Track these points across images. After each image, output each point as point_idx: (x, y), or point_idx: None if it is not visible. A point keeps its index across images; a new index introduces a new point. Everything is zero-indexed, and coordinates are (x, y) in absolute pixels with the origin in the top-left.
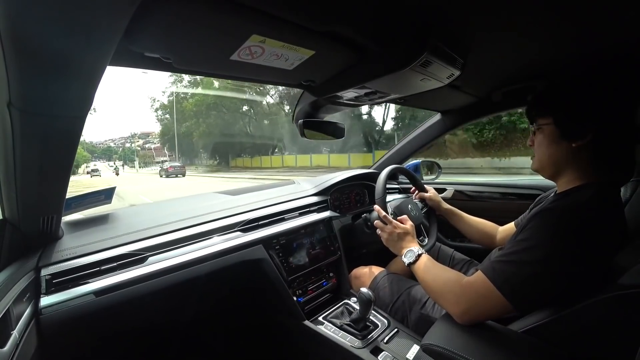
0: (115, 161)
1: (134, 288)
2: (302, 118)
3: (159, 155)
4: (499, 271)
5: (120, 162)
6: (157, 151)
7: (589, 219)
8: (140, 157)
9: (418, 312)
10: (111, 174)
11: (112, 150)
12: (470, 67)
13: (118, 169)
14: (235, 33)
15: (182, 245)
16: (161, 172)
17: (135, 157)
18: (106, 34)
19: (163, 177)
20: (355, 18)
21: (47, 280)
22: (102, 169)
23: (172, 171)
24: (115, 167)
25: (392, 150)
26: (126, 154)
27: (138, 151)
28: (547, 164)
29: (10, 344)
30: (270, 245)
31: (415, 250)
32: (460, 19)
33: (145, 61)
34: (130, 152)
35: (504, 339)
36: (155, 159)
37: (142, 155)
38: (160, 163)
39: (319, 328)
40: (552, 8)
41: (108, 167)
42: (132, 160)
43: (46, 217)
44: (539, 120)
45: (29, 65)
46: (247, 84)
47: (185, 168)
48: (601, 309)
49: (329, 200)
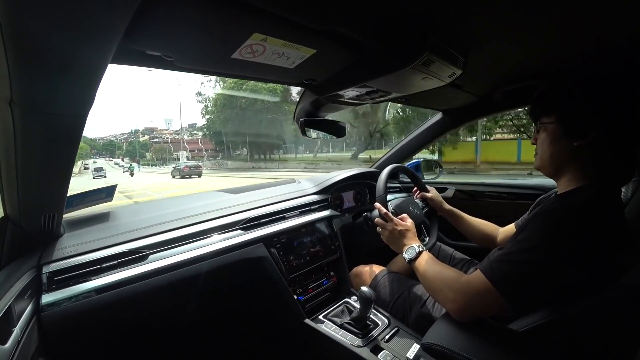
0: (121, 158)
1: (134, 286)
2: (303, 117)
3: (178, 149)
4: (497, 270)
5: (124, 158)
6: (175, 144)
7: (589, 220)
8: (156, 151)
9: (418, 310)
10: (121, 174)
11: (115, 145)
12: (472, 65)
13: (133, 168)
14: (237, 31)
15: (183, 243)
16: (174, 172)
17: (146, 152)
18: (107, 32)
19: (177, 177)
20: (356, 17)
21: (48, 278)
22: (106, 168)
23: (187, 171)
24: (130, 166)
25: (393, 149)
26: (135, 148)
27: (151, 145)
28: (548, 162)
29: (11, 341)
30: (270, 244)
31: (416, 247)
32: (462, 17)
33: (146, 59)
34: (140, 145)
35: (505, 338)
36: (174, 153)
37: (158, 150)
38: (180, 158)
39: (320, 327)
40: (554, 6)
41: (113, 165)
42: (142, 156)
43: (47, 215)
44: (542, 118)
45: (31, 64)
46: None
47: (202, 167)
48: (602, 309)
49: (330, 199)
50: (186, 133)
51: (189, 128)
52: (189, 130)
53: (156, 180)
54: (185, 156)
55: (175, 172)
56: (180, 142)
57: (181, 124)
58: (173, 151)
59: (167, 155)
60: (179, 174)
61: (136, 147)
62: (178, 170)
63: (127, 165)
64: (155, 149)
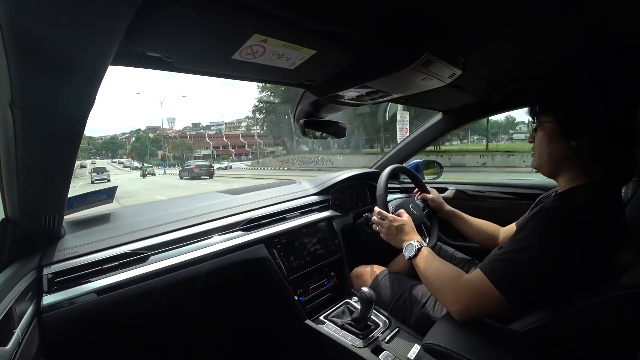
0: (132, 156)
1: (135, 287)
2: (303, 118)
3: (200, 146)
4: (497, 269)
5: (129, 157)
6: (199, 140)
7: (588, 219)
8: (175, 147)
9: (419, 311)
10: (136, 178)
11: (118, 143)
12: (472, 66)
13: (146, 168)
14: (237, 32)
15: (183, 244)
16: (182, 172)
17: (158, 149)
18: (108, 34)
19: (185, 179)
20: (356, 18)
21: (49, 279)
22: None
23: (197, 172)
24: (143, 166)
25: (393, 149)
26: (145, 145)
27: (168, 140)
28: (546, 161)
29: (12, 343)
30: (271, 245)
31: (415, 243)
32: (461, 18)
33: (146, 60)
34: (150, 142)
35: (505, 338)
36: (195, 151)
37: (178, 145)
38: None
39: (320, 327)
40: (553, 7)
41: (118, 166)
42: (153, 154)
43: (48, 217)
44: (540, 118)
45: (31, 65)
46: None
47: (214, 168)
48: (602, 309)
49: (330, 199)
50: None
51: (192, 128)
52: (194, 129)
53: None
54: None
55: (184, 173)
56: (203, 138)
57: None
58: (194, 148)
59: (186, 153)
60: (187, 174)
61: (146, 144)
62: (187, 170)
63: (138, 165)
64: (174, 145)
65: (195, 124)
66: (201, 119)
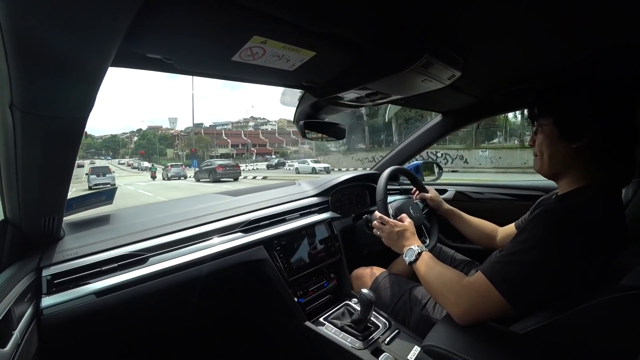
0: (141, 153)
1: (134, 289)
2: (303, 119)
3: (218, 144)
4: (498, 271)
5: (134, 159)
6: (216, 138)
7: (589, 221)
8: (188, 144)
9: (419, 313)
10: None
11: (119, 141)
12: (472, 68)
13: (155, 169)
14: (237, 34)
15: (183, 246)
16: (200, 174)
17: (166, 148)
18: (108, 35)
19: (203, 181)
20: (355, 19)
21: (48, 281)
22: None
23: (222, 172)
24: (152, 166)
25: (393, 151)
26: (152, 142)
27: (181, 137)
28: (547, 164)
29: (11, 344)
30: (271, 246)
31: (416, 248)
32: (461, 19)
33: (146, 62)
34: (158, 139)
35: (506, 340)
36: (210, 149)
37: (198, 140)
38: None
39: (320, 329)
40: (553, 9)
41: (125, 168)
42: (161, 153)
43: (47, 218)
44: (539, 120)
45: (31, 67)
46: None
47: (240, 168)
48: (603, 311)
49: (330, 201)
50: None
51: (194, 127)
52: (193, 129)
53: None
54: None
55: (203, 174)
56: (219, 135)
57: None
58: (210, 146)
59: (202, 151)
60: (208, 176)
61: (154, 141)
62: (207, 171)
63: (147, 164)
64: (188, 142)
65: (197, 124)
66: (202, 119)
